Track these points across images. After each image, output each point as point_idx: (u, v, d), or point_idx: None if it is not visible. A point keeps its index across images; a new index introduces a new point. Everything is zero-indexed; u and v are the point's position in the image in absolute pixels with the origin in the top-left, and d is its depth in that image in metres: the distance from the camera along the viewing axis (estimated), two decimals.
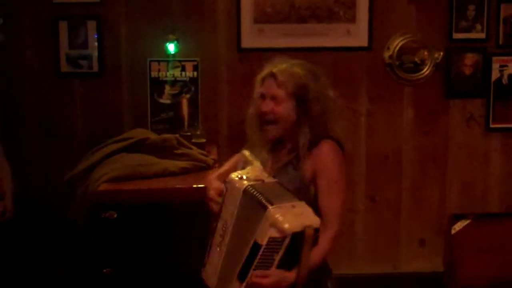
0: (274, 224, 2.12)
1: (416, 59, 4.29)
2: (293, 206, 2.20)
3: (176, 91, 4.12)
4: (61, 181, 3.59)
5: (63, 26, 4.15)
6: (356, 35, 4.28)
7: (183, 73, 4.13)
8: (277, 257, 2.16)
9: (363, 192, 4.40)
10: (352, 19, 4.27)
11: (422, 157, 4.38)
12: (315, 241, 2.20)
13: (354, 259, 4.42)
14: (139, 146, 3.65)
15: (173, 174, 3.45)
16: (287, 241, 2.13)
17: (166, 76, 4.12)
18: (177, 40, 4.10)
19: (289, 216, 2.13)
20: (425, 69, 4.29)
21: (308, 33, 4.27)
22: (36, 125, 4.21)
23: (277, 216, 2.12)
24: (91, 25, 4.16)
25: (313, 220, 2.18)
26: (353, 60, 4.32)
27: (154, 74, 4.12)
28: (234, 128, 4.24)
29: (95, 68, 4.18)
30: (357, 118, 4.33)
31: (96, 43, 4.16)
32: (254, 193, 2.23)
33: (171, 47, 4.09)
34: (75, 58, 4.17)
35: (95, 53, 4.17)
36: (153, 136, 3.75)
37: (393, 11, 4.28)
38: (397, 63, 4.28)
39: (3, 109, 4.11)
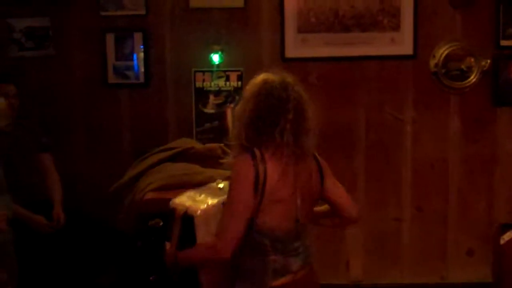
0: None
1: (463, 67, 4.23)
2: (200, 195, 2.73)
3: (221, 101, 4.15)
4: (109, 190, 3.64)
5: (110, 38, 4.23)
6: (401, 43, 4.26)
7: (227, 83, 4.16)
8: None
9: (409, 202, 4.35)
10: (397, 27, 4.24)
11: (469, 165, 4.31)
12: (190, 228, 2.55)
13: (400, 269, 4.37)
14: (184, 156, 3.69)
15: None
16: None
17: (210, 86, 4.15)
18: (221, 50, 4.14)
19: (185, 199, 2.67)
20: (472, 77, 4.24)
21: (352, 42, 4.26)
22: (84, 135, 4.30)
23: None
24: (137, 36, 4.23)
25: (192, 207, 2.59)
26: (398, 69, 4.29)
27: (198, 84, 4.16)
28: None
29: (141, 79, 4.25)
30: (402, 126, 4.30)
31: (142, 54, 4.23)
32: None
33: (215, 58, 4.14)
34: (122, 69, 4.24)
35: (141, 64, 4.23)
36: (198, 145, 3.79)
37: (438, 19, 4.24)
38: (443, 71, 4.23)
39: (52, 120, 4.20)
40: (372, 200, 4.32)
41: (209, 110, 4.16)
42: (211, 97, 4.16)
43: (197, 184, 3.43)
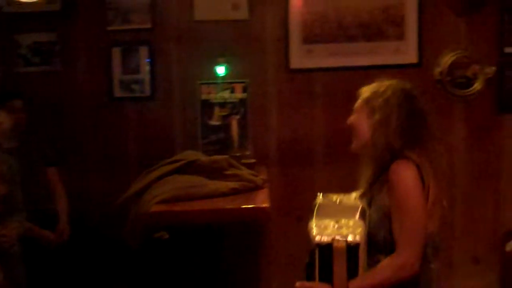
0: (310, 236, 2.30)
1: (468, 74, 4.24)
2: (337, 221, 2.32)
3: (226, 113, 4.17)
4: (115, 203, 3.67)
5: (116, 52, 4.27)
6: (406, 52, 4.28)
7: (233, 94, 4.18)
8: (315, 268, 2.29)
9: None
10: (401, 37, 4.26)
11: (474, 173, 4.32)
12: (353, 257, 2.23)
13: None
14: (189, 168, 3.70)
15: (223, 195, 3.47)
16: (317, 251, 2.26)
17: (216, 98, 4.17)
18: (226, 62, 4.16)
19: (325, 229, 2.30)
20: (476, 84, 4.24)
21: (357, 52, 4.28)
22: (91, 149, 4.32)
23: (312, 227, 2.32)
24: (143, 50, 4.27)
25: (350, 234, 2.25)
26: (403, 77, 4.27)
27: (204, 96, 4.18)
28: (284, 148, 4.28)
29: (147, 92, 4.28)
30: None
31: (148, 68, 4.27)
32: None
33: (220, 70, 4.16)
34: (128, 83, 4.28)
35: (147, 78, 4.27)
36: (203, 157, 3.80)
37: (442, 27, 4.26)
38: (448, 78, 4.24)
39: (60, 134, 4.24)
40: None
41: (215, 122, 4.17)
42: (217, 109, 4.18)
43: (204, 196, 3.45)
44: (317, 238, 2.27)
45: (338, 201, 2.59)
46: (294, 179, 4.27)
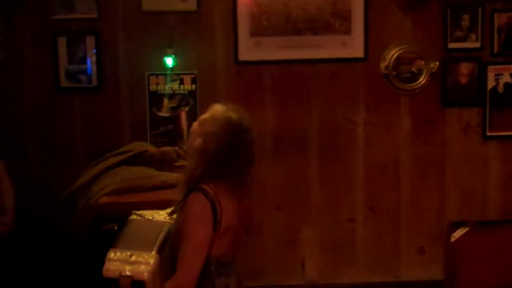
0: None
1: (413, 69, 4.31)
2: (131, 255, 2.53)
3: (175, 104, 4.15)
4: (62, 195, 3.61)
5: (62, 42, 4.19)
6: (352, 46, 4.32)
7: (182, 86, 4.16)
8: None
9: (363, 202, 4.42)
10: (348, 31, 4.31)
11: (420, 166, 4.40)
12: None
13: (354, 268, 4.43)
14: (138, 159, 3.68)
15: (172, 186, 3.45)
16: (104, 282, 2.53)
17: (164, 90, 4.15)
18: (175, 53, 4.14)
19: (118, 264, 2.52)
20: (421, 79, 4.32)
21: (304, 45, 4.30)
22: (37, 140, 4.24)
23: (107, 257, 2.55)
24: (90, 40, 4.20)
25: (137, 272, 2.48)
26: (349, 71, 4.35)
27: (152, 87, 4.15)
28: None
29: (94, 82, 4.22)
30: (354, 128, 4.36)
31: (94, 58, 4.20)
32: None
33: (169, 61, 4.13)
34: (75, 73, 4.20)
35: (94, 68, 4.20)
36: (152, 149, 3.78)
37: (388, 22, 4.32)
38: (394, 73, 4.30)
39: (4, 126, 4.14)
40: (326, 202, 4.37)
41: (164, 113, 4.15)
42: (165, 101, 4.15)
43: (152, 188, 3.44)
44: (105, 272, 2.51)
45: (150, 217, 2.75)
46: None
